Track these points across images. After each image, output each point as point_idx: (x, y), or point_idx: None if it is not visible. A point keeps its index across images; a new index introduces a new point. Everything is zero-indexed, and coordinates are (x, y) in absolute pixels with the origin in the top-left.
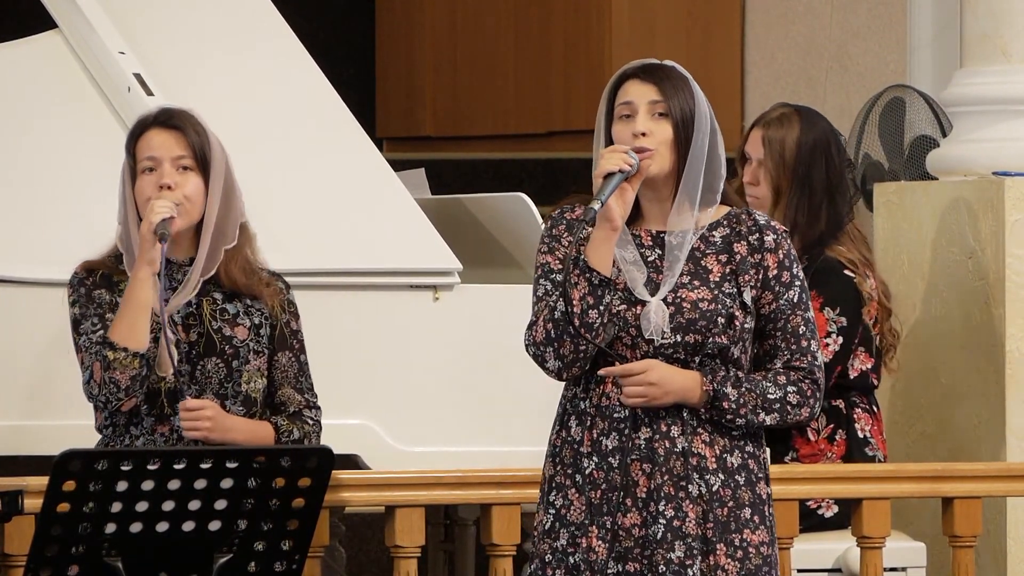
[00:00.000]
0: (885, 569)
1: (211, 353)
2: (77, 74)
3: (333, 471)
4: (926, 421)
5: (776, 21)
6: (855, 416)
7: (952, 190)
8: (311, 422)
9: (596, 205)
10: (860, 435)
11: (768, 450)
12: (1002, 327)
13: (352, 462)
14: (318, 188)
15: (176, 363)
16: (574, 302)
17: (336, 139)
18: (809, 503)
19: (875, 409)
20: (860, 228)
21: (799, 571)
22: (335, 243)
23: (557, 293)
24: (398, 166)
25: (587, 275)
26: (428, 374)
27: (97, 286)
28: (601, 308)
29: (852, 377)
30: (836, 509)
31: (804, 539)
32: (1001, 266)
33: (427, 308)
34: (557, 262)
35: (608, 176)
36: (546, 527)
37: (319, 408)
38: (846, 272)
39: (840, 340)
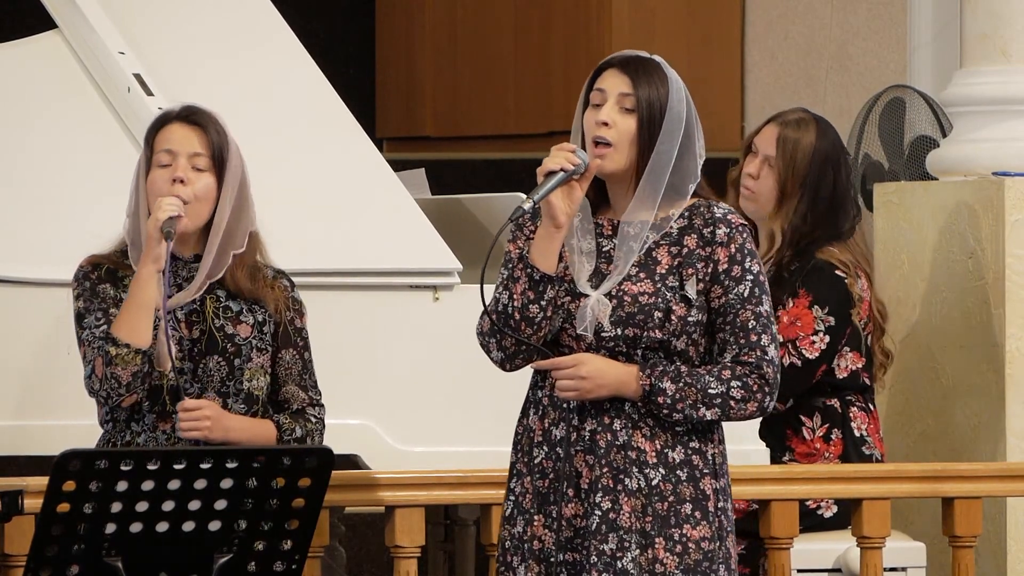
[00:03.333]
0: (885, 569)
1: (213, 351)
2: (77, 74)
3: (333, 471)
4: (926, 421)
5: (776, 21)
6: (851, 415)
7: (952, 190)
8: (314, 420)
9: (527, 204)
10: (857, 434)
11: (723, 445)
12: (1002, 327)
13: (352, 462)
14: (318, 188)
15: (175, 360)
16: (515, 296)
17: (336, 139)
18: (809, 503)
19: (871, 408)
20: (863, 245)
21: (799, 571)
22: (335, 243)
23: (503, 286)
24: (398, 166)
25: (528, 270)
26: (428, 374)
27: (102, 280)
28: (543, 303)
29: (841, 377)
30: (836, 509)
31: (804, 539)
32: (1001, 266)
33: (427, 308)
34: (517, 250)
35: (549, 174)
36: (506, 514)
37: (323, 406)
38: (837, 272)
39: (827, 339)
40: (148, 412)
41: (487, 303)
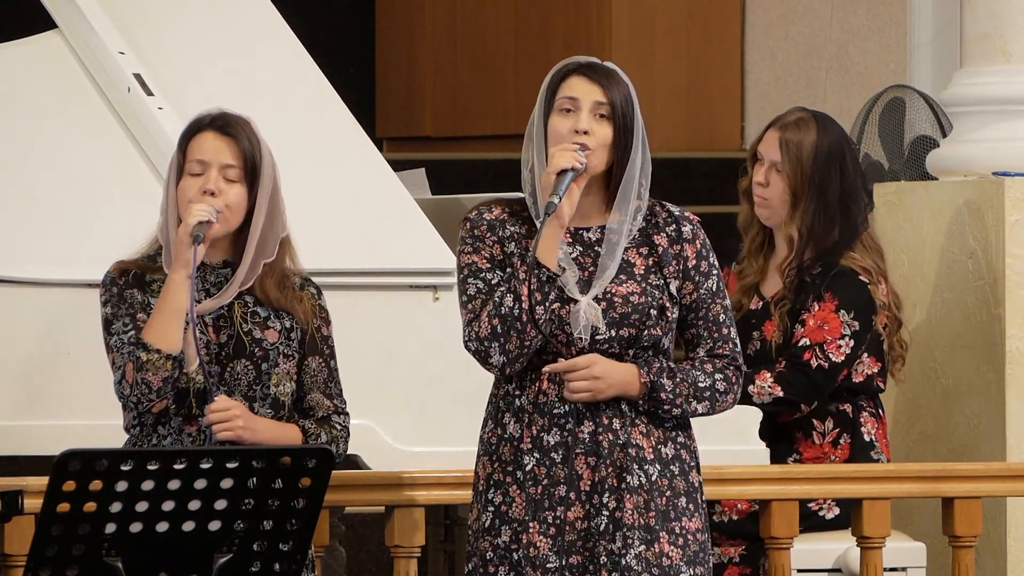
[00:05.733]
0: (885, 569)
1: (240, 355)
2: (77, 74)
3: (333, 471)
4: (926, 421)
5: (776, 21)
6: (862, 420)
7: (952, 190)
8: (339, 427)
9: (555, 199)
10: (866, 439)
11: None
12: (1002, 327)
13: (352, 462)
14: (318, 188)
15: (205, 363)
16: (523, 298)
17: (336, 139)
18: (810, 504)
19: (881, 413)
20: (875, 238)
21: (799, 571)
22: (335, 243)
23: (502, 289)
24: (398, 166)
25: (536, 272)
26: (428, 374)
27: (129, 286)
28: (547, 304)
29: (857, 381)
30: (837, 511)
31: (804, 539)
32: (1001, 266)
33: (427, 308)
34: (485, 261)
35: (562, 173)
36: (485, 525)
37: (347, 414)
38: (860, 278)
39: (851, 344)
40: (174, 415)
41: (478, 311)
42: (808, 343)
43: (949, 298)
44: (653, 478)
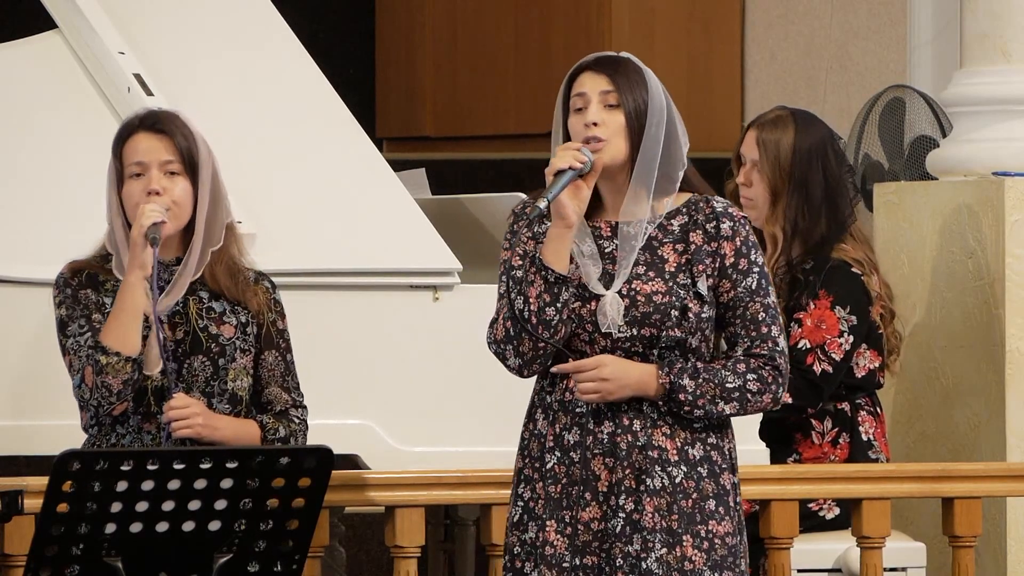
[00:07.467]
0: (885, 569)
1: (197, 351)
2: (77, 74)
3: (333, 471)
4: (926, 421)
5: (776, 21)
6: (859, 419)
7: (952, 190)
8: (297, 421)
9: (541, 203)
10: (864, 438)
11: (735, 441)
12: (1002, 327)
13: (352, 462)
14: (318, 188)
15: (165, 362)
16: (531, 300)
17: (336, 139)
18: (811, 505)
19: (878, 411)
20: (863, 230)
21: (799, 571)
22: (335, 243)
23: (514, 292)
24: (398, 166)
25: (542, 273)
26: (428, 374)
27: (83, 286)
28: (558, 305)
29: (860, 376)
30: (837, 511)
31: (804, 539)
32: (1001, 266)
33: (427, 308)
34: (517, 259)
35: (558, 173)
36: (514, 520)
37: (305, 407)
38: (853, 270)
39: (851, 339)
40: (133, 414)
41: (500, 312)
42: (808, 346)
43: (949, 298)
44: (677, 480)
